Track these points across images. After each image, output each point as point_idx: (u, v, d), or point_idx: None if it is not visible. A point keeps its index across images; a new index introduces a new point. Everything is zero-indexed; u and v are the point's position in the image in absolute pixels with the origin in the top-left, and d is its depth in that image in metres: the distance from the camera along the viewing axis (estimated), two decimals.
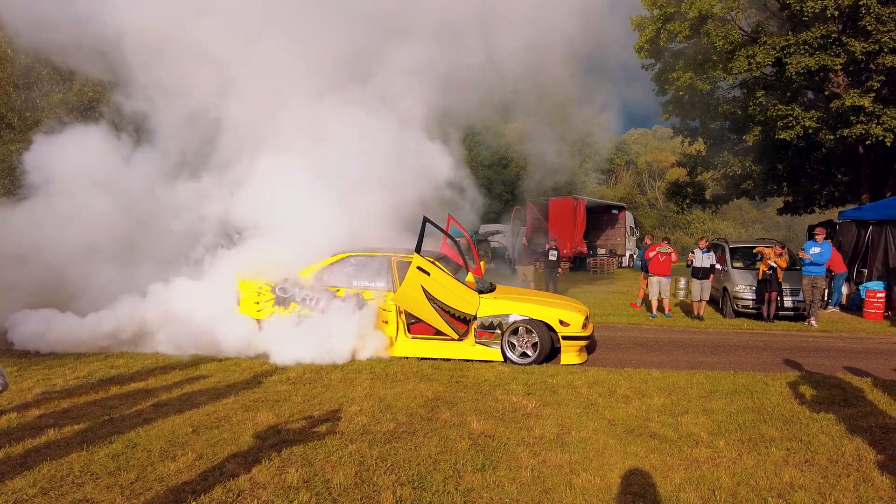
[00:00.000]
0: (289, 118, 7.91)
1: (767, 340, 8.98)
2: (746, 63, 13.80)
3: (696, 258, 10.96)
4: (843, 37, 12.93)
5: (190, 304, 7.28)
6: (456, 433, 4.42)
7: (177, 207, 8.08)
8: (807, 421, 4.81)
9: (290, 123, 7.89)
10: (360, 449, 4.10)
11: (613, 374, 6.39)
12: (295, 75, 8.04)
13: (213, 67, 8.01)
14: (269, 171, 7.55)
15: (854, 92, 12.89)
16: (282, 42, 7.94)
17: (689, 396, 5.50)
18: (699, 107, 17.01)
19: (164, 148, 8.82)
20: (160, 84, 8.31)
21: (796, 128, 13.76)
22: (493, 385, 5.86)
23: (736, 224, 51.46)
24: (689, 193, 20.85)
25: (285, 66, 7.97)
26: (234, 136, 8.06)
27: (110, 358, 7.06)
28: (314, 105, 7.98)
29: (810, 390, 5.75)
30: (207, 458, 3.94)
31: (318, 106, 7.99)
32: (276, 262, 7.37)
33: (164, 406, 5.15)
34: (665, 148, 54.60)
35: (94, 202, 8.35)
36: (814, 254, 10.27)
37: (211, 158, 8.25)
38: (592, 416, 4.89)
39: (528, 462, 3.90)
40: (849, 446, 4.24)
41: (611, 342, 8.70)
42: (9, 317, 7.71)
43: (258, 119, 7.92)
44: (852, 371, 6.80)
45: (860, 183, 16.44)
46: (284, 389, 5.67)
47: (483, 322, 7.07)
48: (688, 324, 10.56)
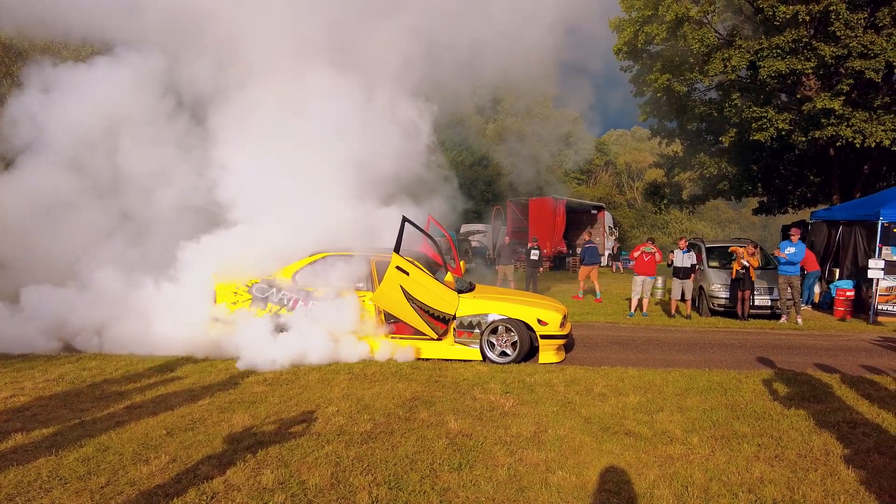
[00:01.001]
0: (265, 107, 7.71)
1: (741, 338, 9.16)
2: (722, 66, 14.05)
3: (677, 258, 11.13)
4: (814, 41, 13.24)
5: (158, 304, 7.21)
6: (433, 433, 4.42)
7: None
8: (778, 417, 4.91)
9: (266, 112, 7.69)
10: (336, 450, 4.08)
11: (590, 372, 6.45)
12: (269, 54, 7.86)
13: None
14: (243, 163, 7.42)
15: (825, 95, 13.21)
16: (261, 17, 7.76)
17: (664, 394, 5.58)
18: (676, 108, 17.28)
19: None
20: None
21: (770, 129, 14.05)
22: (471, 384, 5.87)
23: (713, 224, 52.34)
24: (667, 194, 21.17)
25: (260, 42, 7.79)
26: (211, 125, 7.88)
27: (82, 360, 6.90)
28: (292, 92, 7.77)
29: (782, 387, 5.88)
30: (181, 461, 3.88)
31: (296, 94, 7.79)
32: (252, 260, 7.29)
33: (138, 408, 5.06)
34: (643, 149, 55.26)
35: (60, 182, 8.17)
36: (789, 253, 10.51)
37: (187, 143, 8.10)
38: (569, 414, 4.93)
39: (505, 461, 3.92)
40: (817, 441, 4.35)
41: (588, 341, 8.78)
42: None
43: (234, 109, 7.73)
44: (822, 368, 6.97)
45: (831, 184, 16.86)
46: (261, 391, 5.61)
47: (462, 321, 7.08)
48: (664, 322, 10.71)
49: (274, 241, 7.34)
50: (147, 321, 7.48)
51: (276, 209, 7.36)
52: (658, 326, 10.32)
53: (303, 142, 7.45)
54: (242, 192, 7.44)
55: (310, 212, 7.35)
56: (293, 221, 7.35)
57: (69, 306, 7.63)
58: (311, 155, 7.43)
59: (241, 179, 7.45)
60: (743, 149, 16.46)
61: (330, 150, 7.44)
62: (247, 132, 7.52)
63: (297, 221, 7.36)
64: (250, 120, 7.52)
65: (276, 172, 7.44)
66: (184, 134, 8.19)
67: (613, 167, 57.56)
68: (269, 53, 7.74)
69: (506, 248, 15.09)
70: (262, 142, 7.47)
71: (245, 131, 7.53)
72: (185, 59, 7.90)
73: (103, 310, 7.42)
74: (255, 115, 7.51)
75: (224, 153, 7.55)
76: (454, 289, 7.30)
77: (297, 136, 7.48)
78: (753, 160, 17.89)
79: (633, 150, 60.55)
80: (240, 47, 7.70)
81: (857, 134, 13.27)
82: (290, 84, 7.70)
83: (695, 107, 16.71)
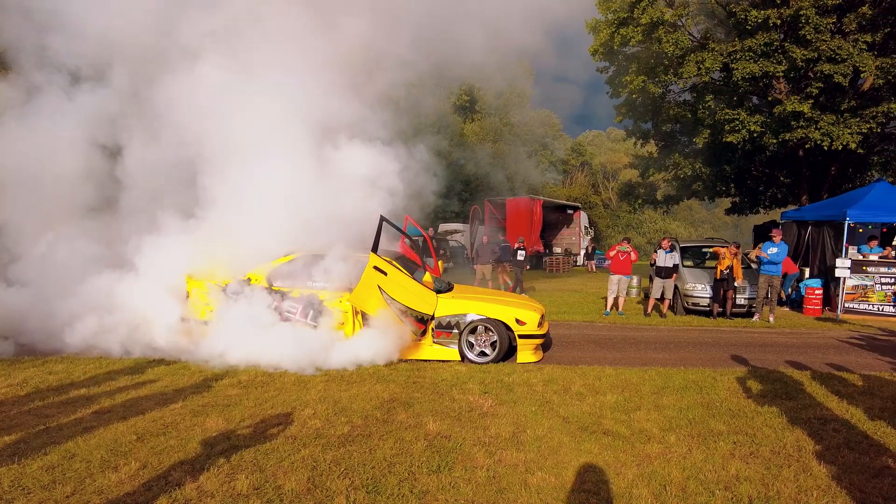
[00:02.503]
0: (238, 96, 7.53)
1: (715, 337, 9.30)
2: (696, 68, 14.29)
3: (660, 258, 11.27)
4: (786, 44, 13.54)
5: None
6: (412, 435, 4.38)
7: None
8: (752, 414, 4.99)
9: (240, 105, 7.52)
10: (313, 453, 4.00)
11: (568, 371, 6.48)
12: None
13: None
14: (216, 158, 7.26)
15: (794, 98, 13.53)
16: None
17: (641, 393, 5.62)
18: (651, 110, 17.52)
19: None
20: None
21: (742, 131, 14.34)
22: (449, 385, 5.84)
23: (686, 224, 53.28)
24: (642, 194, 21.46)
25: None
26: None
27: (49, 363, 6.68)
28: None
29: (755, 385, 5.97)
30: (152, 467, 3.77)
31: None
32: (225, 259, 7.16)
33: (107, 413, 4.91)
34: (619, 149, 56.00)
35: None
36: (772, 253, 10.73)
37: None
38: (547, 413, 4.94)
39: (484, 462, 3.89)
40: (790, 438, 4.42)
41: (565, 340, 8.82)
42: None
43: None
44: (793, 365, 7.11)
45: (800, 185, 17.29)
46: (235, 393, 5.50)
47: (440, 322, 7.05)
48: (640, 321, 10.83)
49: (248, 240, 7.22)
50: (118, 322, 7.30)
51: (250, 206, 7.23)
52: (634, 325, 10.43)
53: (276, 138, 7.33)
54: (216, 189, 7.29)
55: (285, 210, 7.23)
56: (268, 219, 7.22)
57: (27, 305, 7.43)
58: (283, 151, 7.31)
59: (213, 176, 7.30)
60: (716, 150, 16.78)
61: (304, 146, 7.34)
62: (219, 127, 7.36)
63: (271, 220, 7.23)
64: (222, 115, 7.36)
65: (251, 169, 7.30)
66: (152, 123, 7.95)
67: (589, 168, 58.15)
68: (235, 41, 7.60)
69: (484, 248, 15.09)
70: (235, 138, 7.32)
71: (218, 127, 7.37)
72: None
73: (69, 309, 7.18)
74: (225, 106, 7.35)
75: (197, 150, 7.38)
76: (432, 289, 7.25)
77: (271, 131, 7.35)
78: (726, 161, 18.26)
79: (609, 150, 61.33)
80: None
81: (824, 136, 13.63)
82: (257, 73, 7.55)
83: (669, 108, 16.97)
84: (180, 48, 7.51)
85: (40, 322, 7.30)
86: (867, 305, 11.53)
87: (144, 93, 7.75)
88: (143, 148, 7.79)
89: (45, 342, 7.16)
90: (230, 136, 7.28)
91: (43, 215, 8.12)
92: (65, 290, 7.32)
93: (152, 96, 7.60)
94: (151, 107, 7.59)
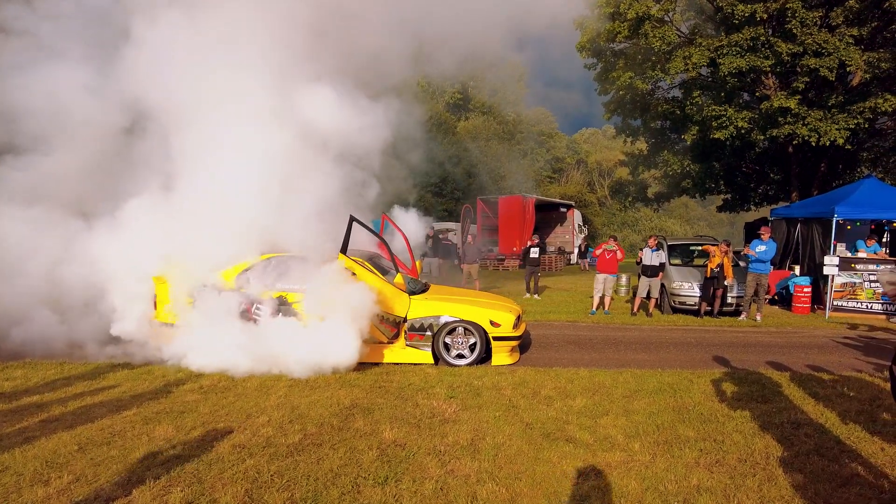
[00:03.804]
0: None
1: (699, 337, 9.13)
2: (683, 63, 14.12)
3: (646, 256, 11.10)
4: (772, 39, 13.37)
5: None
6: (365, 443, 4.20)
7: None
8: (723, 419, 4.82)
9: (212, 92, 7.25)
10: (257, 464, 3.83)
11: (541, 373, 6.31)
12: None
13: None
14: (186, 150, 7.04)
15: (781, 94, 13.37)
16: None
17: (612, 396, 5.45)
18: (640, 106, 17.35)
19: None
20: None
21: (730, 128, 14.17)
22: (416, 389, 5.66)
23: (682, 221, 53.11)
24: (632, 191, 21.29)
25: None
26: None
27: (7, 369, 6.50)
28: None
29: (732, 387, 5.81)
30: (85, 480, 3.59)
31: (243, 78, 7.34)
32: (192, 261, 6.97)
33: (55, 422, 4.73)
34: (614, 147, 55.69)
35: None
36: (760, 251, 10.56)
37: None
38: (511, 419, 4.76)
39: (435, 472, 3.72)
40: (759, 444, 4.25)
41: (545, 340, 8.65)
42: None
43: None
44: (774, 366, 6.95)
45: (790, 182, 17.13)
46: (193, 399, 5.32)
47: (413, 324, 6.87)
48: (624, 321, 10.66)
49: (215, 241, 7.03)
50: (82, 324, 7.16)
51: (218, 207, 7.03)
52: (617, 325, 10.26)
53: (247, 139, 7.12)
54: (185, 189, 7.10)
55: (254, 211, 7.03)
56: (236, 220, 7.03)
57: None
58: (252, 150, 7.09)
59: (182, 176, 7.11)
60: (705, 147, 16.63)
61: (272, 145, 7.12)
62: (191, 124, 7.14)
63: (240, 221, 7.04)
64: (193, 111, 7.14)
65: (220, 168, 7.09)
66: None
67: (585, 166, 58.01)
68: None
69: (471, 247, 14.95)
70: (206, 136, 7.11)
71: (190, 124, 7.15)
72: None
73: (26, 311, 7.01)
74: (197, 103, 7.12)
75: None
76: (404, 290, 7.07)
77: (242, 132, 7.14)
78: (716, 158, 18.10)
79: (605, 148, 61.13)
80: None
81: (812, 132, 13.47)
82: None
83: (658, 105, 16.80)
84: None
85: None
86: (856, 303, 11.37)
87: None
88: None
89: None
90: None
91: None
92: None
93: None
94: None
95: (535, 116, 58.90)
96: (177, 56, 7.00)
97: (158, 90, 7.01)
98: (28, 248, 7.30)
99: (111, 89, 7.30)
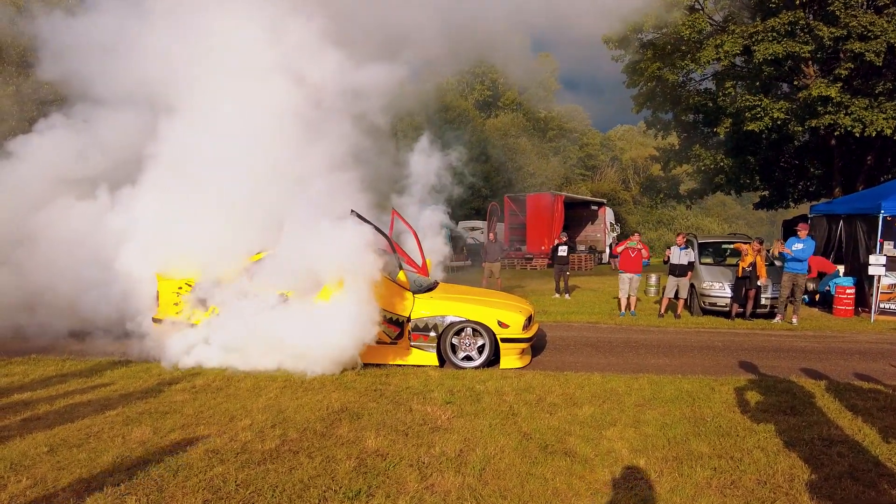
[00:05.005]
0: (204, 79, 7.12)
1: (728, 340, 8.55)
2: (714, 52, 13.37)
3: (674, 255, 10.56)
4: (812, 22, 12.52)
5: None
6: (345, 452, 3.90)
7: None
8: (744, 433, 4.34)
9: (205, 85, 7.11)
10: (225, 472, 3.57)
11: (549, 378, 5.90)
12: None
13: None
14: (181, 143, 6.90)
15: (821, 82, 12.50)
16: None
17: (623, 405, 5.02)
18: (671, 99, 16.60)
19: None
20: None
21: (765, 119, 13.35)
22: (413, 393, 5.35)
23: (719, 220, 51.30)
24: (664, 188, 20.47)
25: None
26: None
27: (10, 365, 6.48)
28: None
29: (757, 396, 5.30)
30: (42, 486, 3.40)
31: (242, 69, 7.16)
32: (193, 257, 6.82)
33: (36, 420, 4.60)
34: (650, 144, 54.30)
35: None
36: (796, 250, 9.88)
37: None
38: (508, 428, 4.39)
39: (413, 487, 3.39)
40: (782, 463, 3.78)
41: (562, 342, 8.21)
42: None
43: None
44: (808, 374, 6.38)
45: (833, 176, 16.12)
46: (181, 399, 5.13)
47: (417, 324, 6.56)
48: (650, 322, 10.12)
49: (217, 237, 6.87)
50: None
51: (220, 202, 6.86)
52: (641, 327, 9.73)
53: (248, 130, 6.92)
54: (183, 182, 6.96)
55: (256, 205, 6.84)
56: (238, 215, 6.85)
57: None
58: (255, 144, 6.90)
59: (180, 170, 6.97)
60: (739, 140, 15.78)
61: (276, 139, 6.92)
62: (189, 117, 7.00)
63: (242, 215, 6.86)
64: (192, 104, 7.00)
65: (221, 163, 6.92)
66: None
67: (619, 163, 56.71)
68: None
69: (492, 245, 14.57)
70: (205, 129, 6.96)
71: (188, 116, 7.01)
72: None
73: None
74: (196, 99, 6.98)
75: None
76: (408, 288, 6.76)
77: (243, 123, 6.95)
78: (751, 152, 17.16)
79: (640, 145, 59.58)
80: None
81: (856, 122, 12.56)
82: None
83: (689, 97, 16.03)
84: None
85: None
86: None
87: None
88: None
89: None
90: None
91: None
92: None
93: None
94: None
95: (568, 113, 57.88)
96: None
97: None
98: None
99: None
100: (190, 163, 6.82)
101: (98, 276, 7.24)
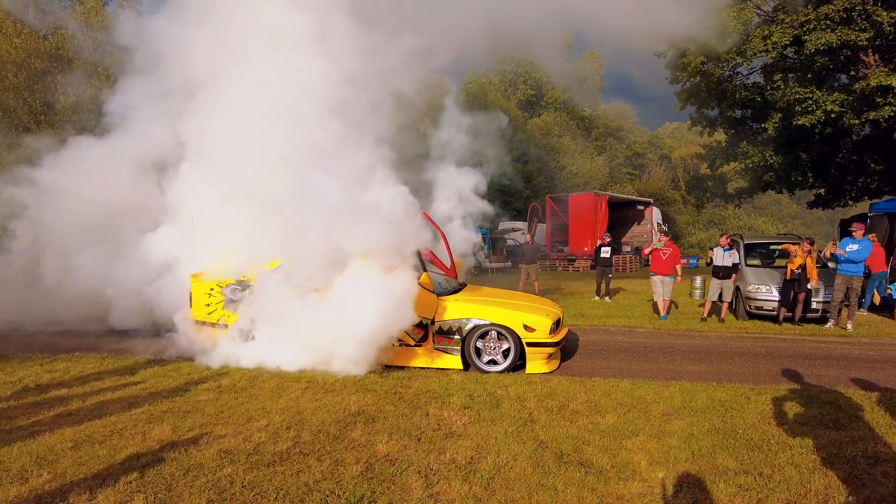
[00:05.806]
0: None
1: (772, 346, 8.10)
2: (762, 44, 12.71)
3: (717, 256, 10.12)
4: (869, 7, 11.71)
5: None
6: (354, 456, 3.87)
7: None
8: (777, 448, 4.06)
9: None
10: (234, 473, 3.59)
11: (576, 384, 5.72)
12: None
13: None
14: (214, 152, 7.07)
15: (881, 71, 11.68)
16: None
17: (649, 414, 4.80)
18: (716, 94, 15.91)
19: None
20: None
21: (817, 112, 12.59)
22: (432, 397, 5.27)
23: (774, 220, 49.16)
24: (710, 187, 19.67)
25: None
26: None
27: (56, 361, 6.80)
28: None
29: (797, 407, 4.97)
30: (60, 480, 3.51)
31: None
32: (224, 259, 6.98)
33: (68, 416, 4.78)
34: (698, 141, 52.56)
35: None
36: (850, 251, 9.29)
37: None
38: (524, 436, 4.26)
39: (417, 495, 3.32)
40: (818, 483, 3.50)
41: (594, 347, 7.97)
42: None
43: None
44: (859, 384, 5.94)
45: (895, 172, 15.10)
46: (204, 399, 5.23)
47: (441, 326, 6.49)
48: (689, 327, 9.71)
49: (248, 239, 7.00)
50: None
51: (251, 204, 6.99)
52: (680, 332, 9.34)
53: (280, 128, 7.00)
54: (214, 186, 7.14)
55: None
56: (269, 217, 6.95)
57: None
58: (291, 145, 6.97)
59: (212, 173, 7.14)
60: (790, 136, 14.96)
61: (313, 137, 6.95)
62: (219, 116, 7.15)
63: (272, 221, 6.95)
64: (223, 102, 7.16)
65: (253, 166, 7.04)
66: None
67: (668, 161, 55.09)
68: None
69: (529, 247, 14.38)
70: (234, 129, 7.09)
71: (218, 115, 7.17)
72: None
73: None
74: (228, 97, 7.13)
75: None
76: (431, 290, 6.69)
77: (273, 121, 7.04)
78: (803, 148, 16.24)
79: (689, 142, 57.68)
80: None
81: None
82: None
83: (735, 92, 15.32)
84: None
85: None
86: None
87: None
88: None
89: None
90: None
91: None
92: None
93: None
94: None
95: (613, 111, 56.68)
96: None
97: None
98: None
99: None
100: (223, 169, 6.97)
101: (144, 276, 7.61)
